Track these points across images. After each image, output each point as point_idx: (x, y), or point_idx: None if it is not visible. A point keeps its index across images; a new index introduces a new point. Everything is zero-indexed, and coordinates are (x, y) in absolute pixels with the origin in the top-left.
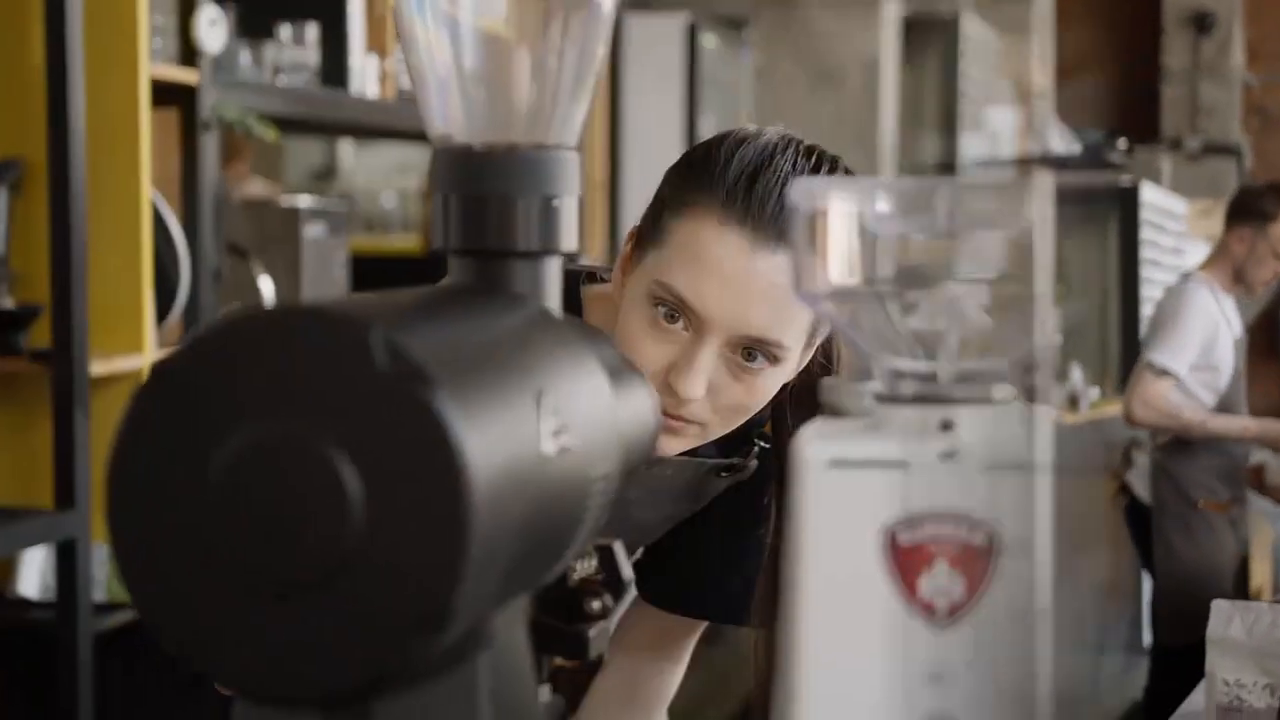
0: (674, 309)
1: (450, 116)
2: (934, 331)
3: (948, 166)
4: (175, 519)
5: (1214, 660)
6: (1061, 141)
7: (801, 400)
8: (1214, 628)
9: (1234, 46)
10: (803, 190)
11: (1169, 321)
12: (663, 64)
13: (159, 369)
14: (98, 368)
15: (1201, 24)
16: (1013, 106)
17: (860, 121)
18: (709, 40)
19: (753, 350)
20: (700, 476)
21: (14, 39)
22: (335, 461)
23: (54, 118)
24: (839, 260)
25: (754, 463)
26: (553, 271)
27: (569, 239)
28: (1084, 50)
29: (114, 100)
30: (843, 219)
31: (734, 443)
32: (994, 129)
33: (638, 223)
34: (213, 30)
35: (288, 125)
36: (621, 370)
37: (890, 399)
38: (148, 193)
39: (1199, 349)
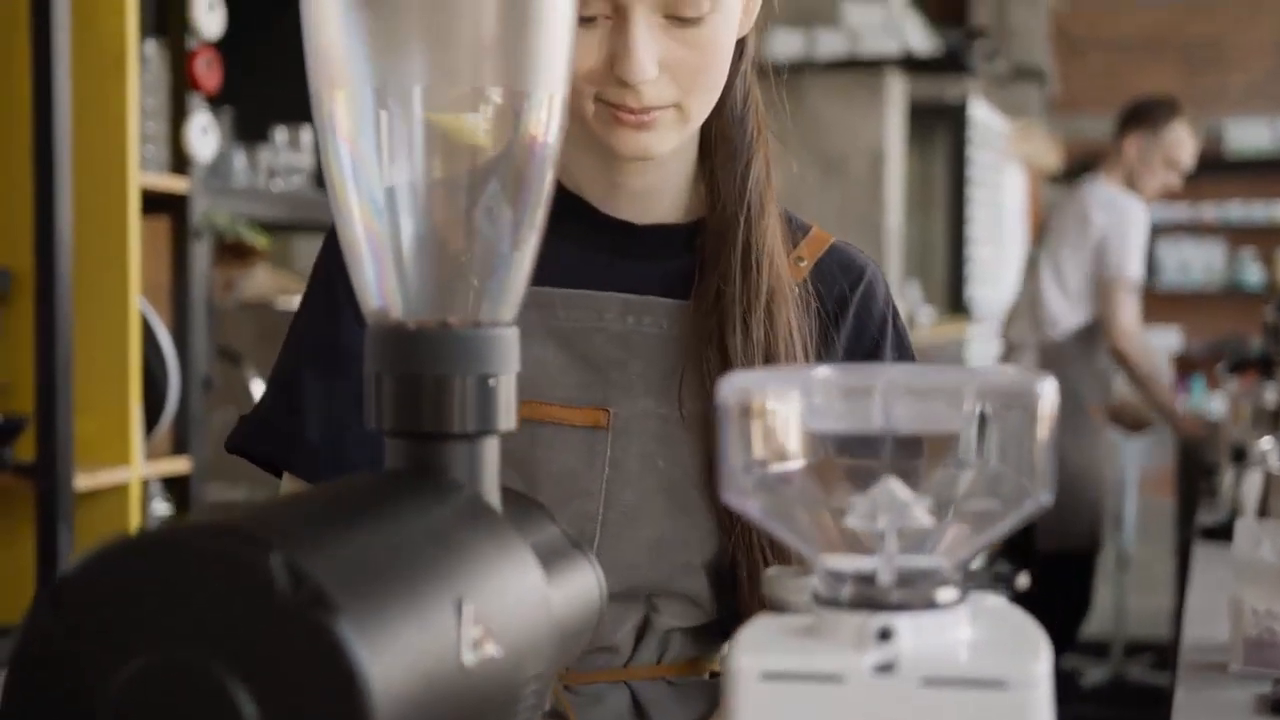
0: (585, 3)
1: (385, 292)
2: (872, 530)
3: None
4: None
5: (1241, 587)
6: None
7: None
8: (1239, 549)
9: None
10: (732, 385)
11: (1125, 233)
12: None
13: (61, 584)
14: (84, 481)
15: None
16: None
17: (867, 210)
18: None
19: (685, 1)
20: None
21: (2, 148)
22: (232, 690)
23: (41, 228)
24: (771, 455)
25: None
26: (490, 452)
27: (507, 418)
28: None
29: (103, 209)
30: (775, 413)
31: None
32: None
33: None
34: (204, 138)
35: (283, 227)
36: (562, 551)
37: (828, 602)
38: (136, 303)
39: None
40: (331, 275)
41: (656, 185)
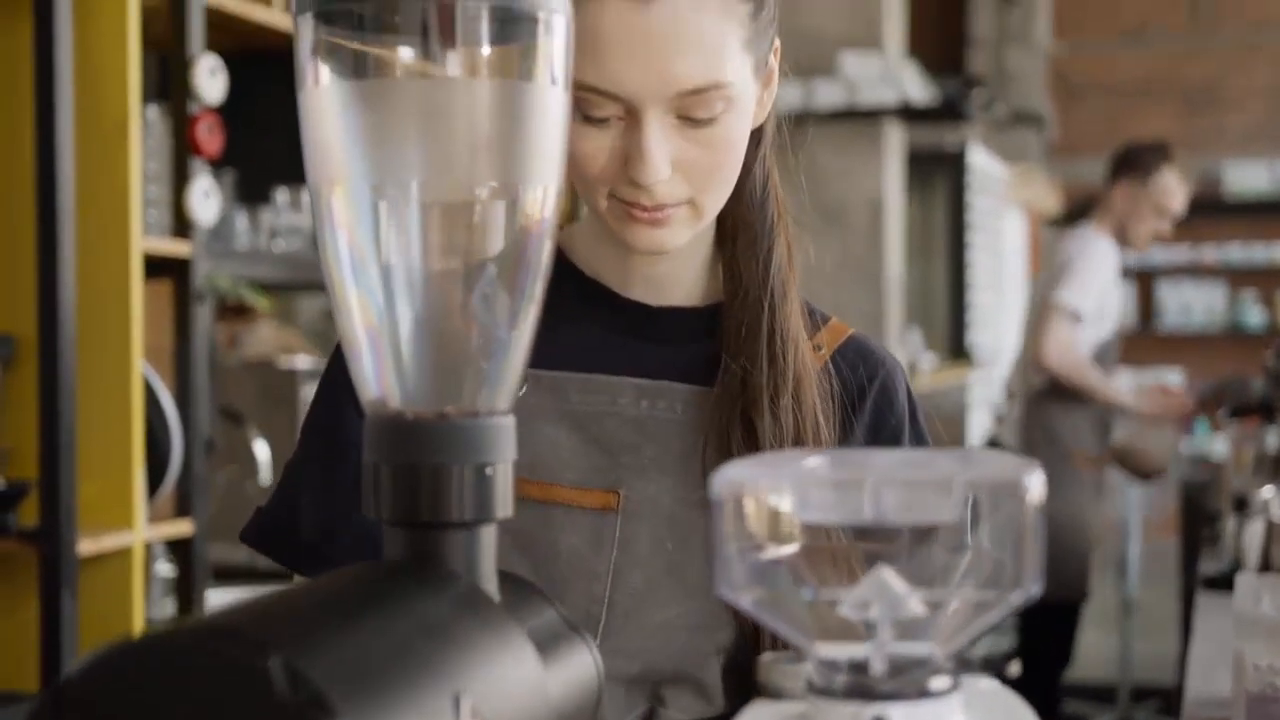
0: (597, 105)
1: (383, 382)
2: (865, 620)
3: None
4: None
5: (1242, 641)
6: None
7: None
8: (1240, 603)
9: (1039, 15)
10: (725, 478)
11: (1074, 264)
12: None
13: (63, 686)
14: (87, 546)
15: None
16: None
17: (867, 259)
18: None
19: (697, 103)
20: None
21: (5, 214)
22: None
23: (44, 293)
24: (764, 546)
25: None
26: (488, 540)
27: (504, 506)
28: None
29: (106, 274)
30: (767, 505)
31: None
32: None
33: None
34: (206, 202)
35: (285, 287)
36: (560, 636)
37: (822, 690)
38: (139, 367)
39: (1098, 296)
40: (335, 375)
41: (674, 270)
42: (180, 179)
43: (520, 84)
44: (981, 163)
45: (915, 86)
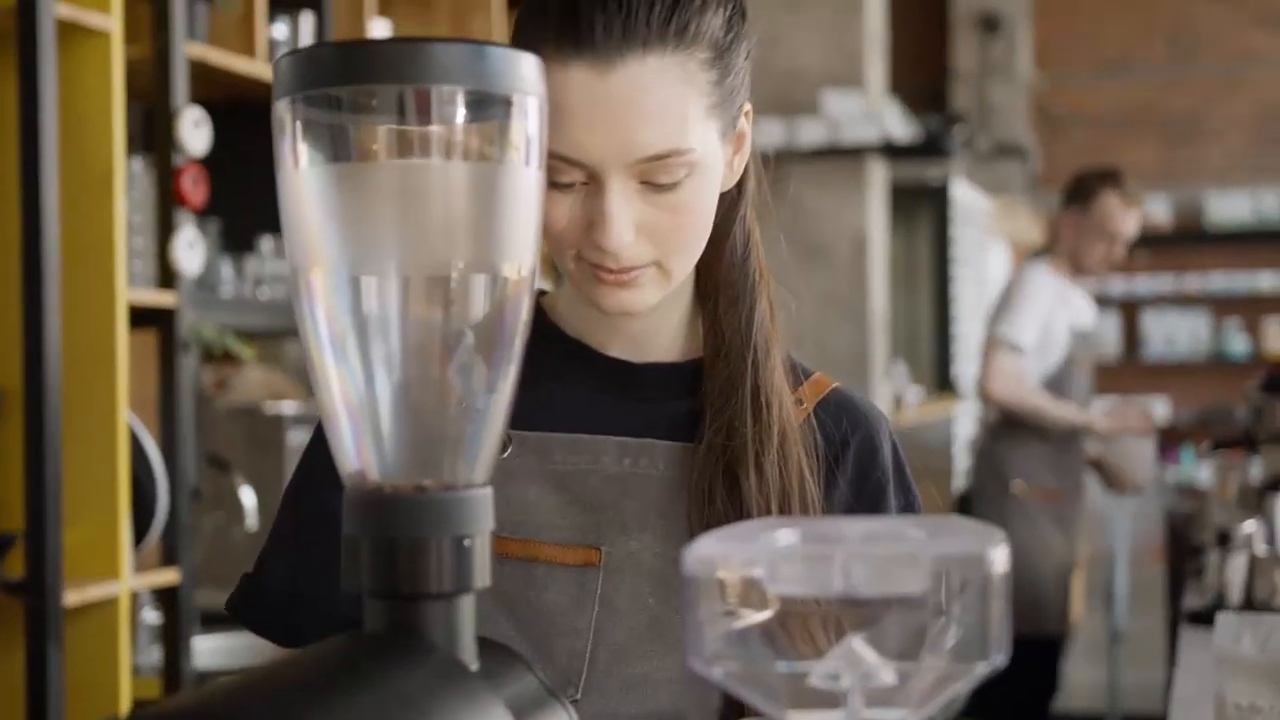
0: (561, 171)
1: (362, 456)
2: (837, 689)
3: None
4: None
5: (1222, 681)
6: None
7: None
8: (1221, 643)
9: (1021, 48)
10: (696, 553)
11: (1014, 297)
12: None
13: None
14: (73, 597)
15: (990, 25)
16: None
17: (851, 295)
18: None
19: (659, 169)
20: None
21: None
22: None
23: (30, 345)
24: (735, 619)
25: None
26: (466, 610)
27: (482, 576)
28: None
29: (92, 325)
30: (739, 579)
31: None
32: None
33: None
34: (191, 252)
35: (272, 335)
36: (539, 701)
37: None
38: (125, 418)
39: (1039, 327)
40: (317, 450)
41: (653, 327)
42: (165, 230)
43: (495, 166)
44: (965, 196)
45: (897, 124)
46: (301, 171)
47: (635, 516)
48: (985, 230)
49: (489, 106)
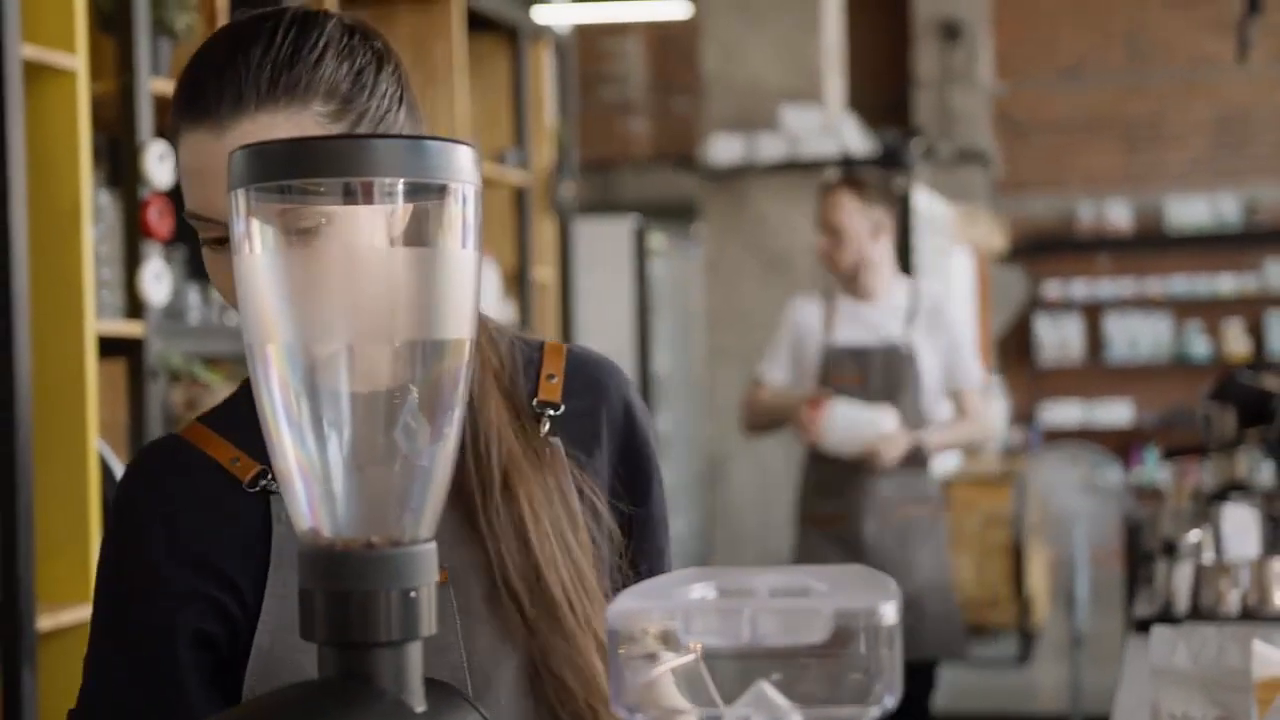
0: (205, 228)
1: (315, 515)
2: None
3: None
4: None
5: (1158, 692)
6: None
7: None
8: (1157, 656)
9: (981, 55)
10: (618, 610)
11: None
12: (613, 264)
13: None
14: (45, 622)
15: (950, 33)
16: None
17: None
18: (657, 240)
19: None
20: None
21: None
22: None
23: (1, 375)
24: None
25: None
26: (414, 655)
27: (429, 624)
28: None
29: (61, 357)
30: (657, 632)
31: None
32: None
33: None
34: (158, 283)
35: (239, 359)
36: None
37: None
38: (94, 445)
39: (789, 358)
40: (126, 551)
41: None
42: (132, 261)
43: (432, 249)
44: (926, 205)
45: (855, 138)
46: (255, 255)
47: (453, 533)
48: (948, 237)
49: (427, 194)
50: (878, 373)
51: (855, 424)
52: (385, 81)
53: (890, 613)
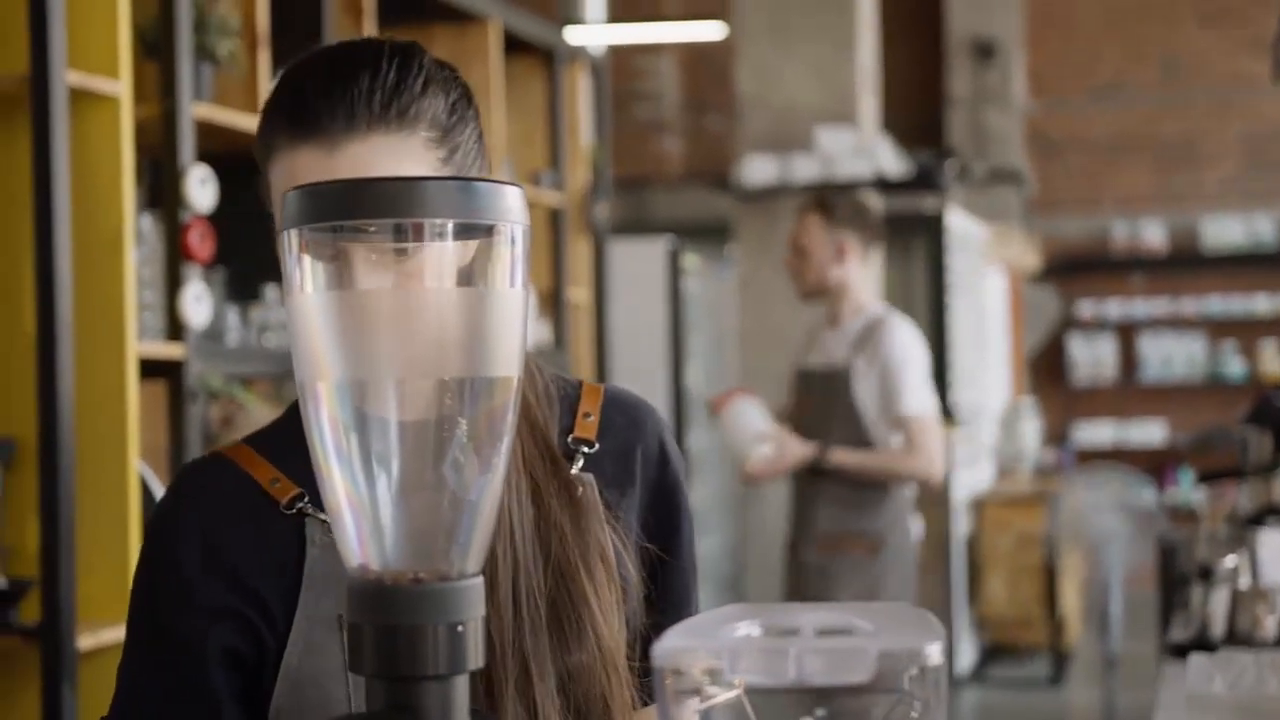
0: None
1: (364, 550)
2: None
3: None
4: None
5: (1194, 718)
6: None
7: None
8: (1194, 683)
9: (1015, 74)
10: (664, 649)
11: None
12: (647, 284)
13: None
14: (86, 641)
15: (984, 52)
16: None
17: None
18: (691, 260)
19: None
20: None
21: (5, 321)
22: None
23: (44, 398)
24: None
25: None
26: (461, 689)
27: (475, 658)
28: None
29: (103, 377)
30: (703, 671)
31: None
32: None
33: None
34: (198, 306)
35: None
36: None
37: None
38: (135, 466)
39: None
40: (161, 560)
41: None
42: (173, 284)
43: (482, 288)
44: (959, 224)
45: (889, 159)
46: (307, 295)
47: None
48: (981, 256)
49: (476, 234)
50: (818, 396)
51: (738, 427)
52: (471, 118)
53: (936, 653)
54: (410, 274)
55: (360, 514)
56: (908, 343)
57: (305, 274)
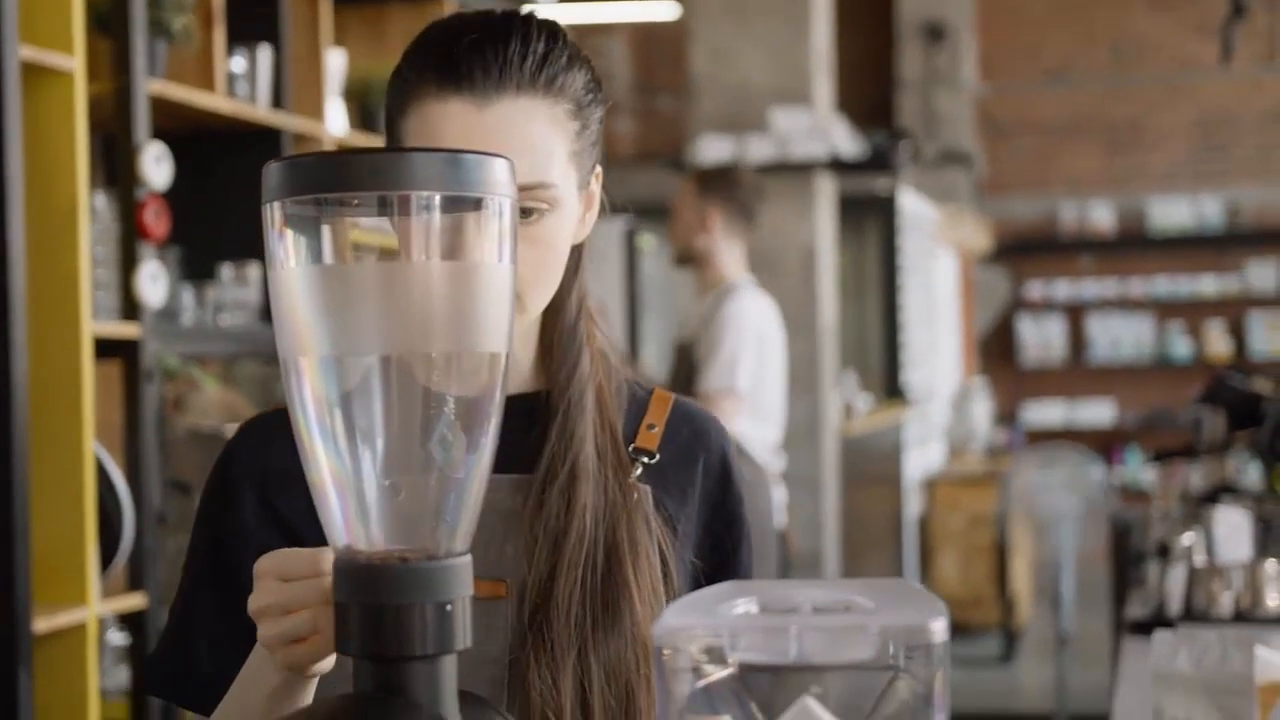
0: None
1: (350, 530)
2: None
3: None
4: None
5: (1160, 696)
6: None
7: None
8: (1159, 660)
9: (965, 57)
10: (664, 625)
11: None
12: (604, 265)
13: None
14: (41, 624)
15: (935, 34)
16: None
17: (801, 307)
18: (647, 241)
19: (525, 198)
20: None
21: None
22: None
23: None
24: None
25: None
26: (448, 669)
27: (464, 638)
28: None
29: (57, 359)
30: (702, 649)
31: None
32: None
33: None
34: (154, 285)
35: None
36: None
37: None
38: (90, 447)
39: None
40: (216, 495)
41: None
42: (128, 263)
43: (469, 262)
44: (912, 205)
45: (844, 140)
46: (290, 269)
47: (525, 547)
48: (932, 238)
49: (463, 207)
50: (681, 368)
51: None
52: (601, 101)
53: (939, 630)
54: (395, 246)
55: (346, 492)
56: (738, 316)
57: (287, 247)
